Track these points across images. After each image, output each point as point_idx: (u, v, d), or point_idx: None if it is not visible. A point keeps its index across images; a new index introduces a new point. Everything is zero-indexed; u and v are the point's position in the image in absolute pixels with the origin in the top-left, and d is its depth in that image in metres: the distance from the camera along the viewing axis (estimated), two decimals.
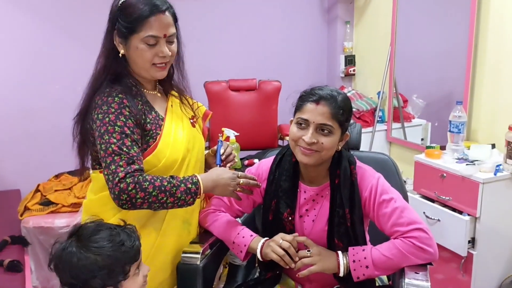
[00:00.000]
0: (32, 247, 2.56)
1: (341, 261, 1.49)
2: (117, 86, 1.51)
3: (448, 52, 3.11)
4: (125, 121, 1.45)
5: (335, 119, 1.48)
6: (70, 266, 1.25)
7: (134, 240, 1.34)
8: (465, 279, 2.47)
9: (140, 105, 1.53)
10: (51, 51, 3.13)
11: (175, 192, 1.45)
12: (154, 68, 1.53)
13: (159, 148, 1.53)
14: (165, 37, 1.49)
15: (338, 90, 1.56)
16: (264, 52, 3.75)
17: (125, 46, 1.50)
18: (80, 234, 1.30)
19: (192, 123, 1.69)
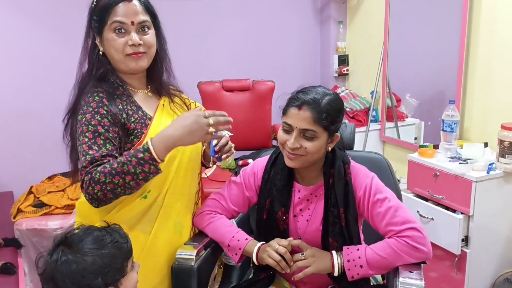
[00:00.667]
0: (25, 249, 2.54)
1: (335, 261, 1.50)
2: (102, 86, 1.51)
3: (441, 52, 3.13)
4: (100, 119, 1.44)
5: (318, 123, 1.47)
6: (70, 274, 1.23)
7: (125, 236, 1.35)
8: (459, 277, 2.48)
9: (124, 104, 1.52)
10: (43, 52, 3.12)
11: (128, 169, 1.37)
12: (129, 59, 1.51)
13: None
14: (133, 24, 1.48)
15: (326, 91, 1.53)
16: (258, 52, 3.75)
17: (101, 43, 1.51)
18: (70, 241, 1.28)
19: None
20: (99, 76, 1.53)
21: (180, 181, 1.60)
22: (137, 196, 1.51)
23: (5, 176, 3.10)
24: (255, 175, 1.67)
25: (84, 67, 1.56)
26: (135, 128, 1.51)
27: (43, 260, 1.27)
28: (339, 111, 1.53)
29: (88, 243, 1.27)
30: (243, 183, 1.68)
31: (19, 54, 3.07)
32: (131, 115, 1.51)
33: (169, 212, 1.58)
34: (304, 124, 1.47)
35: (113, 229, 1.34)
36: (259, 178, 1.66)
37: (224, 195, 1.69)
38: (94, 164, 1.39)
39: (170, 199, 1.58)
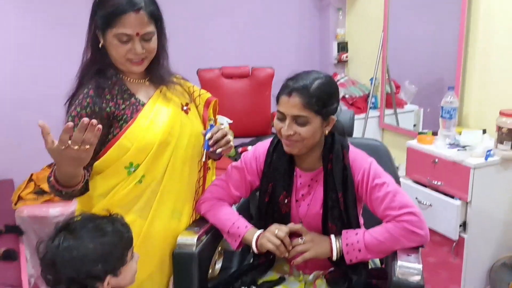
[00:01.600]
0: (26, 236, 2.56)
1: (333, 245, 1.52)
2: (97, 78, 1.54)
3: (440, 38, 3.12)
4: (79, 111, 1.49)
5: (308, 108, 1.47)
6: (71, 260, 1.24)
7: (127, 226, 1.37)
8: (456, 262, 2.51)
9: (115, 94, 1.55)
10: (40, 40, 3.10)
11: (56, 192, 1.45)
12: (129, 63, 1.54)
13: (130, 130, 1.53)
14: (138, 36, 1.49)
15: (317, 75, 1.52)
16: (257, 39, 3.74)
17: (103, 38, 1.52)
18: (72, 228, 1.30)
19: (185, 109, 1.68)
20: (98, 68, 1.56)
21: (178, 167, 1.62)
22: (132, 181, 1.54)
23: (5, 164, 3.11)
24: (257, 159, 1.69)
25: (87, 54, 1.58)
26: (125, 114, 1.55)
27: (44, 245, 1.28)
28: (331, 94, 1.53)
29: (89, 230, 1.28)
30: (244, 167, 1.69)
31: (15, 42, 3.05)
32: (121, 104, 1.55)
33: (166, 198, 1.60)
34: (295, 111, 1.48)
35: (115, 218, 1.36)
36: (261, 162, 1.67)
37: (226, 181, 1.71)
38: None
39: (167, 185, 1.60)
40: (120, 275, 1.32)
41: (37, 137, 3.48)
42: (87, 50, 1.57)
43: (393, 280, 1.38)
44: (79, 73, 1.58)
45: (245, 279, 1.63)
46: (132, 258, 1.37)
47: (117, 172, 1.54)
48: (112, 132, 1.54)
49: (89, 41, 1.56)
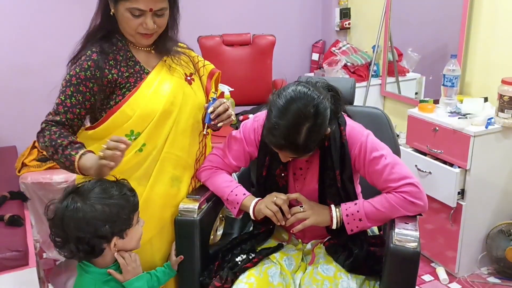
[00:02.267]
0: (31, 202, 2.60)
1: (333, 214, 1.54)
2: (102, 44, 1.55)
3: (444, 5, 3.07)
4: (78, 71, 1.51)
5: (304, 154, 1.47)
6: (78, 220, 1.29)
7: (133, 190, 1.42)
8: (454, 229, 2.55)
9: (119, 60, 1.56)
10: (41, 6, 3.07)
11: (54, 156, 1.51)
12: (139, 36, 1.55)
13: (133, 98, 1.55)
14: (151, 11, 1.49)
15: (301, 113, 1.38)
16: (258, 6, 3.69)
17: (114, 8, 1.52)
18: (80, 191, 1.35)
19: (189, 80, 1.68)
20: (105, 34, 1.57)
21: (179, 137, 1.63)
22: (133, 149, 1.55)
23: (8, 131, 3.13)
24: (255, 130, 1.69)
25: (97, 20, 1.58)
26: (128, 82, 1.56)
27: (53, 207, 1.33)
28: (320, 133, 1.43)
29: (97, 193, 1.33)
30: (243, 138, 1.70)
31: (17, 9, 3.02)
32: (124, 71, 1.56)
33: (166, 166, 1.62)
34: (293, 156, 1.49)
35: (122, 183, 1.41)
36: (259, 134, 1.67)
37: (225, 150, 1.72)
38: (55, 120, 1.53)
39: (167, 153, 1.62)
40: (126, 237, 1.37)
41: (39, 104, 3.49)
42: (96, 16, 1.58)
43: (390, 246, 1.41)
44: (85, 37, 1.59)
45: (244, 246, 1.66)
46: (138, 223, 1.41)
47: None
48: (114, 99, 1.56)
49: (99, 8, 1.56)
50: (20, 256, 2.01)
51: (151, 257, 1.65)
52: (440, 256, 2.69)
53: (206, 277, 1.62)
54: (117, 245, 1.37)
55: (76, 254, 1.34)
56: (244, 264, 1.57)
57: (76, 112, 1.53)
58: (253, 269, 1.56)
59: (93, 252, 1.34)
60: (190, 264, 1.64)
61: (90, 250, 1.33)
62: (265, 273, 1.55)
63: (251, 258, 1.59)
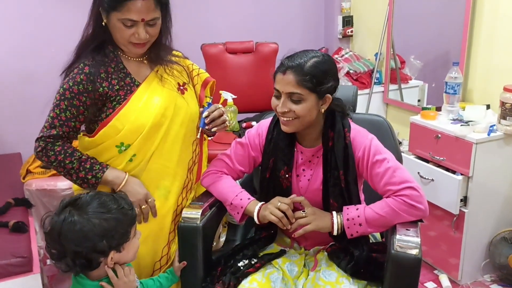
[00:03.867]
0: (35, 208, 2.61)
1: (335, 220, 1.55)
2: (94, 55, 1.56)
3: (446, 13, 3.09)
4: (71, 85, 1.53)
5: (302, 86, 1.49)
6: (76, 234, 1.27)
7: (130, 204, 1.41)
8: (456, 236, 2.55)
9: (110, 72, 1.56)
10: (45, 13, 3.10)
11: (72, 174, 1.54)
12: (131, 46, 1.55)
13: (122, 113, 1.56)
14: (143, 21, 1.49)
15: (314, 54, 1.54)
16: (261, 14, 3.71)
17: (106, 18, 1.52)
18: (78, 204, 1.33)
19: (182, 89, 1.68)
20: (97, 45, 1.57)
21: (167, 147, 1.63)
22: (124, 159, 1.59)
23: (13, 138, 3.15)
24: (259, 135, 1.71)
25: (89, 30, 1.59)
26: (118, 95, 1.57)
27: (50, 220, 1.32)
28: (326, 72, 1.53)
29: (95, 207, 1.32)
30: (248, 143, 1.72)
31: (21, 16, 3.05)
32: (115, 84, 1.56)
33: (152, 176, 1.63)
34: (289, 88, 1.51)
35: (120, 196, 1.40)
36: (263, 139, 1.70)
37: (230, 155, 1.74)
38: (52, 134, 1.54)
39: (154, 164, 1.62)
40: (123, 251, 1.36)
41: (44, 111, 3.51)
42: (88, 26, 1.58)
43: (391, 253, 1.41)
44: (77, 47, 1.60)
45: (246, 252, 1.67)
46: (135, 235, 1.41)
47: (108, 149, 1.58)
48: (105, 111, 1.57)
49: (91, 17, 1.57)
50: (24, 262, 2.02)
51: (136, 265, 1.61)
52: (443, 263, 2.68)
53: (208, 283, 1.63)
54: (113, 258, 1.35)
55: (73, 268, 1.32)
56: (246, 269, 1.58)
57: (71, 125, 1.55)
58: (255, 274, 1.57)
59: (90, 266, 1.33)
60: (193, 270, 1.65)
61: (87, 264, 1.32)
62: (267, 279, 1.56)
63: (253, 263, 1.60)
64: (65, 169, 1.54)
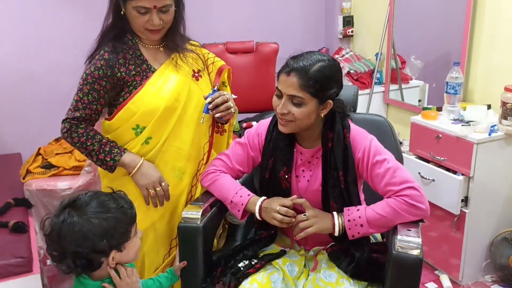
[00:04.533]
0: (35, 208, 2.61)
1: (336, 221, 1.54)
2: (114, 43, 1.67)
3: (447, 13, 3.09)
4: (93, 70, 1.65)
5: (305, 90, 1.48)
6: (75, 235, 1.27)
7: (130, 203, 1.40)
8: (457, 236, 2.54)
9: (128, 58, 1.67)
10: (45, 14, 3.10)
11: (92, 156, 1.68)
12: (147, 32, 1.65)
13: (138, 96, 1.67)
14: (155, 8, 1.59)
15: (320, 57, 1.52)
16: (261, 14, 3.71)
17: (124, 7, 1.63)
18: (77, 204, 1.32)
19: (196, 76, 1.77)
20: (117, 33, 1.69)
21: (181, 131, 1.73)
22: (140, 141, 1.70)
23: (12, 138, 3.15)
24: (259, 135, 1.71)
25: (108, 20, 1.70)
26: (134, 80, 1.68)
27: (49, 221, 1.31)
28: (330, 78, 1.51)
29: (94, 207, 1.31)
30: (247, 143, 1.72)
31: (21, 16, 3.05)
32: (132, 70, 1.68)
33: (167, 157, 1.73)
34: (291, 90, 1.50)
35: (119, 196, 1.39)
36: (263, 139, 1.69)
37: (229, 155, 1.74)
38: (75, 116, 1.66)
39: (169, 145, 1.73)
40: (124, 250, 1.35)
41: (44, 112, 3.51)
42: (108, 16, 1.69)
43: (393, 253, 1.41)
44: (99, 36, 1.72)
45: (246, 252, 1.67)
46: (136, 234, 1.40)
47: (126, 132, 1.70)
48: (123, 96, 1.69)
49: (111, 8, 1.67)
50: (24, 262, 2.02)
51: (155, 241, 1.77)
52: (443, 263, 2.68)
53: (209, 283, 1.62)
54: (115, 258, 1.34)
55: (74, 269, 1.32)
56: (246, 269, 1.57)
57: (93, 108, 1.67)
58: (255, 274, 1.56)
59: (91, 266, 1.32)
60: (193, 270, 1.64)
61: (88, 264, 1.31)
62: (268, 279, 1.55)
63: (253, 264, 1.60)
64: (86, 150, 1.67)
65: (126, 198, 1.41)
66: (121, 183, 1.70)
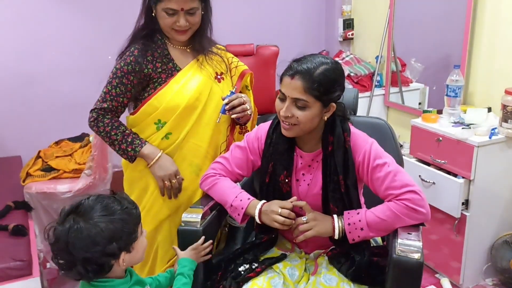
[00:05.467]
0: (35, 211, 2.61)
1: (336, 224, 1.54)
2: (144, 41, 1.79)
3: (447, 15, 3.09)
4: (122, 65, 1.77)
5: (309, 93, 1.47)
6: (84, 241, 1.25)
7: (133, 203, 1.39)
8: (458, 240, 2.53)
9: (156, 56, 1.79)
10: (45, 16, 3.10)
11: (115, 145, 1.80)
12: (174, 32, 1.77)
13: (161, 92, 1.78)
14: (182, 10, 1.71)
15: (324, 60, 1.51)
16: (262, 16, 3.71)
17: (154, 9, 1.75)
18: (81, 210, 1.31)
19: (218, 78, 1.87)
20: (147, 33, 1.81)
21: (201, 129, 1.84)
22: (160, 136, 1.81)
23: (13, 141, 3.15)
24: (258, 139, 1.70)
25: (140, 21, 1.82)
26: (160, 77, 1.80)
27: (54, 230, 1.29)
28: (334, 81, 1.51)
29: (98, 210, 1.30)
30: (247, 147, 1.71)
31: (21, 18, 3.05)
32: (159, 67, 1.79)
33: (185, 154, 1.84)
34: (296, 93, 1.49)
35: (122, 197, 1.38)
36: (262, 143, 1.69)
37: (229, 158, 1.73)
38: (103, 107, 1.78)
39: (188, 142, 1.83)
40: (132, 250, 1.35)
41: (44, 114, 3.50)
42: (140, 17, 1.81)
43: (393, 257, 1.40)
44: (131, 35, 1.84)
45: (246, 256, 1.66)
46: (142, 234, 1.40)
47: (148, 126, 1.82)
48: (148, 91, 1.81)
49: (143, 10, 1.80)
50: (24, 265, 2.02)
51: (169, 232, 1.88)
52: (444, 267, 2.67)
53: (209, 287, 1.62)
54: (125, 260, 1.34)
55: (85, 275, 1.30)
56: (247, 273, 1.57)
57: (120, 100, 1.79)
58: (256, 278, 1.56)
59: (102, 270, 1.31)
60: (193, 274, 1.64)
61: (99, 269, 1.30)
62: (268, 283, 1.54)
63: (254, 267, 1.59)
64: (110, 139, 1.79)
65: (128, 198, 1.40)
66: (140, 174, 1.85)
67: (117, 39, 1.85)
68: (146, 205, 1.86)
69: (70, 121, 3.10)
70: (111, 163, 2.72)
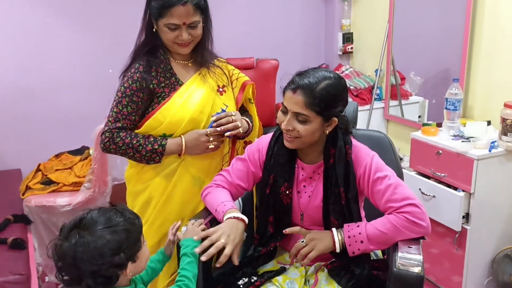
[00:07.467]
0: (34, 225, 2.60)
1: (336, 238, 1.53)
2: (147, 57, 1.80)
3: (446, 29, 3.11)
4: (131, 83, 1.77)
5: (310, 108, 1.48)
6: (91, 254, 1.25)
7: (134, 213, 1.40)
8: (459, 253, 2.52)
9: (159, 72, 1.81)
10: (46, 30, 3.12)
11: (140, 150, 1.77)
12: (177, 46, 1.79)
13: (165, 107, 1.80)
14: (184, 25, 1.73)
15: (326, 75, 1.51)
16: (262, 30, 3.74)
17: (156, 25, 1.76)
18: (85, 224, 1.30)
19: (221, 91, 1.89)
20: (149, 49, 1.82)
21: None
22: None
23: (12, 154, 3.15)
24: (259, 151, 1.71)
25: (141, 37, 1.83)
26: (163, 92, 1.81)
27: (58, 247, 1.27)
28: (336, 96, 1.51)
29: (102, 223, 1.30)
30: (247, 159, 1.72)
31: (22, 32, 3.07)
32: (162, 82, 1.81)
33: (189, 167, 1.85)
34: (297, 108, 1.50)
35: (123, 208, 1.39)
36: (263, 154, 1.69)
37: (230, 170, 1.74)
38: (117, 126, 1.77)
39: (191, 155, 1.83)
40: (137, 260, 1.35)
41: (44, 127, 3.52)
42: (141, 33, 1.83)
43: (393, 271, 1.39)
44: (133, 52, 1.85)
45: (246, 270, 1.65)
46: (144, 243, 1.40)
47: None
48: (152, 106, 1.82)
49: (143, 25, 1.81)
50: (22, 279, 2.01)
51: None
52: (445, 281, 2.65)
53: None
54: (131, 270, 1.34)
55: None
56: (246, 287, 1.56)
57: (132, 119, 1.80)
58: None
59: (110, 282, 1.31)
60: None
61: (107, 281, 1.30)
62: None
63: (253, 281, 1.58)
64: (133, 148, 1.77)
65: (129, 209, 1.41)
66: (144, 186, 1.86)
67: (117, 53, 1.87)
68: (149, 218, 1.86)
69: (70, 134, 3.11)
70: (111, 176, 2.72)
